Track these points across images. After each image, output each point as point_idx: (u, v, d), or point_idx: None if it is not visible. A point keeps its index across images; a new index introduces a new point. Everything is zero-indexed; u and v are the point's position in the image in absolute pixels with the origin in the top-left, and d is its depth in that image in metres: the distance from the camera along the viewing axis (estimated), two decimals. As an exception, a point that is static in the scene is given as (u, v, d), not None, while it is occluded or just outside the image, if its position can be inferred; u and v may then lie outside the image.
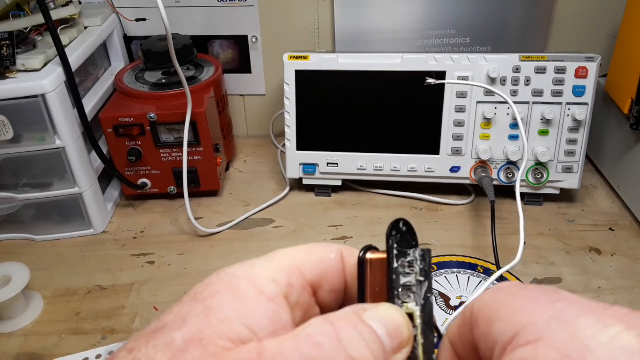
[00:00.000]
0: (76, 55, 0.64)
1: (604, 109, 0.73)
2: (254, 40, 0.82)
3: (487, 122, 0.67)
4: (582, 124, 0.65)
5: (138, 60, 0.79)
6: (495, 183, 0.67)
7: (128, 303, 0.58)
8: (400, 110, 0.68)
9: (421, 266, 0.20)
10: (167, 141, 0.69)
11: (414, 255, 0.20)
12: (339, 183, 0.73)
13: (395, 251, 0.20)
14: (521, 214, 0.56)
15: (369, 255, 0.21)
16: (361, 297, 0.21)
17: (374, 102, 0.68)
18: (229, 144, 0.81)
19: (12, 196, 0.64)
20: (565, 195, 0.71)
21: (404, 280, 0.20)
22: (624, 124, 0.68)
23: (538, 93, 0.65)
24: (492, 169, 0.68)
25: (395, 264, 0.20)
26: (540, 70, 0.64)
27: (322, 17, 0.80)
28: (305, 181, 0.73)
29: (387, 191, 0.74)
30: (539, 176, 0.68)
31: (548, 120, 0.65)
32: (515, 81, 0.65)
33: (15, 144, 0.60)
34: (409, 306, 0.20)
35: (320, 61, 0.67)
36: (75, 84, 0.60)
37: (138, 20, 0.79)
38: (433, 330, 0.20)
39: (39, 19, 0.62)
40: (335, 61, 0.67)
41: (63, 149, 0.62)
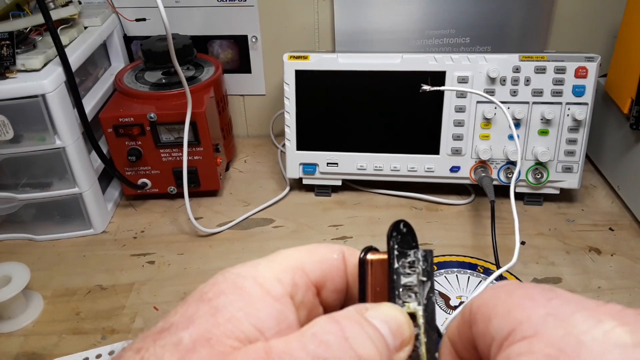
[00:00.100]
0: (76, 56, 0.64)
1: (604, 109, 0.73)
2: (254, 40, 0.82)
3: (487, 122, 0.67)
4: (582, 124, 0.65)
5: (138, 61, 0.79)
6: (495, 183, 0.67)
7: (128, 303, 0.58)
8: (400, 110, 0.68)
9: (424, 267, 0.20)
10: (167, 141, 0.69)
11: (416, 256, 0.20)
12: (339, 183, 0.73)
13: (396, 252, 0.20)
14: (515, 215, 0.56)
15: (370, 256, 0.21)
16: (362, 298, 0.21)
17: (374, 102, 0.68)
18: (229, 144, 0.81)
19: (13, 196, 0.64)
20: (565, 195, 0.71)
21: (404, 280, 0.20)
22: (624, 124, 0.68)
23: (538, 93, 0.65)
24: (492, 169, 0.68)
25: (396, 265, 0.20)
26: (540, 70, 0.64)
27: (322, 17, 0.80)
28: (305, 181, 0.73)
29: (387, 191, 0.74)
30: (539, 176, 0.68)
31: (548, 120, 0.65)
32: (515, 81, 0.65)
33: (16, 144, 0.60)
34: (411, 306, 0.20)
35: (320, 61, 0.67)
36: (75, 84, 0.61)
37: (138, 20, 0.79)
38: (435, 329, 0.20)
39: (39, 19, 0.62)
40: (335, 61, 0.67)
41: (63, 149, 0.62)
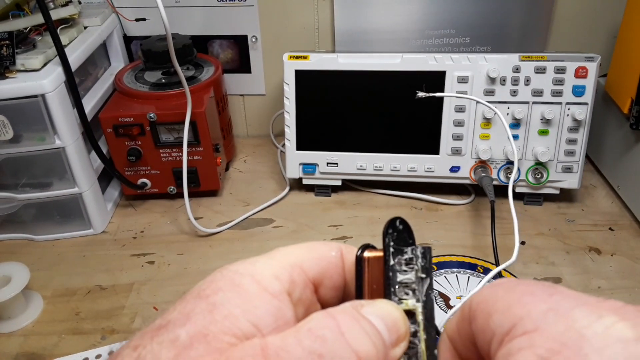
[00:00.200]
0: (76, 56, 0.64)
1: (604, 109, 0.73)
2: (254, 40, 0.82)
3: (487, 122, 0.67)
4: (582, 124, 0.65)
5: (138, 60, 0.79)
6: (495, 183, 0.67)
7: (128, 303, 0.58)
8: (400, 110, 0.68)
9: (422, 263, 0.20)
10: (167, 141, 0.69)
11: (414, 253, 0.20)
12: (339, 183, 0.73)
13: (391, 249, 0.20)
14: (514, 214, 0.56)
15: (367, 253, 0.21)
16: (359, 295, 0.21)
17: (374, 102, 0.68)
18: (229, 144, 0.81)
19: (12, 196, 0.64)
20: (565, 195, 0.71)
21: (401, 277, 0.20)
22: (624, 124, 0.68)
23: (538, 93, 0.65)
24: (492, 169, 0.68)
25: (391, 262, 0.20)
26: (540, 70, 0.64)
27: (322, 17, 0.80)
28: (305, 181, 0.73)
29: (387, 191, 0.74)
30: (539, 176, 0.68)
31: (548, 120, 0.65)
32: (515, 81, 0.65)
33: (15, 144, 0.60)
34: (410, 303, 0.20)
35: (320, 61, 0.67)
36: (75, 84, 0.61)
37: (138, 20, 0.79)
38: (435, 326, 0.20)
39: (38, 19, 0.62)
40: (335, 61, 0.67)
41: (63, 149, 0.62)
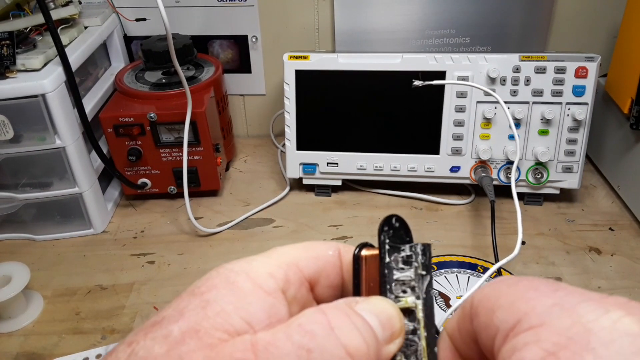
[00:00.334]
0: (76, 55, 0.64)
1: (604, 109, 0.73)
2: (254, 40, 0.82)
3: (487, 122, 0.67)
4: (582, 124, 0.65)
5: (138, 60, 0.79)
6: (495, 183, 0.67)
7: (128, 303, 0.58)
8: (400, 110, 0.68)
9: (422, 260, 0.20)
10: (167, 141, 0.69)
11: (412, 250, 0.20)
12: (339, 183, 0.73)
13: (387, 246, 0.20)
14: (518, 208, 0.56)
15: (364, 252, 0.21)
16: (357, 294, 0.21)
17: (374, 102, 0.68)
18: (229, 144, 0.81)
19: (12, 196, 0.64)
20: (565, 195, 0.71)
21: (397, 275, 0.20)
22: (624, 124, 0.68)
23: (538, 93, 0.65)
24: (492, 169, 0.68)
25: (387, 259, 0.20)
26: (540, 70, 0.64)
27: (322, 17, 0.80)
28: (305, 181, 0.73)
29: (387, 191, 0.74)
30: (539, 176, 0.68)
31: (548, 120, 0.65)
32: (515, 81, 0.65)
33: (16, 144, 0.60)
34: (409, 300, 0.20)
35: (320, 61, 0.67)
36: (75, 84, 0.61)
37: (138, 20, 0.79)
38: (434, 323, 0.20)
39: (39, 19, 0.62)
40: (336, 61, 0.67)
41: (63, 149, 0.62)
